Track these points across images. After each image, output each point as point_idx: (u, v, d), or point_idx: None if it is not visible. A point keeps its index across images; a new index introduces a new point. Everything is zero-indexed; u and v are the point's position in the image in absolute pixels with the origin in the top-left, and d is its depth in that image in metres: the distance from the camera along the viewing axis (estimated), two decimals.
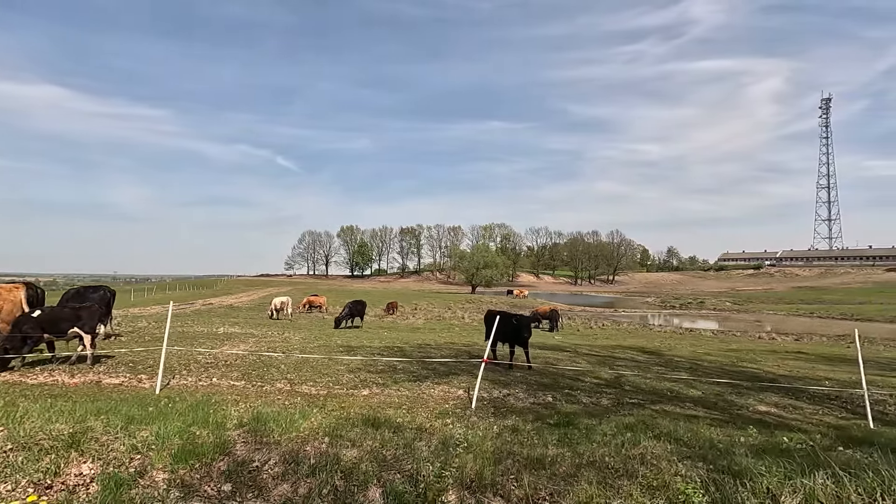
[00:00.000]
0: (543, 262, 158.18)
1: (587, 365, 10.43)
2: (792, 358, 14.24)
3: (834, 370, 11.74)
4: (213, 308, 33.13)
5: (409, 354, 10.83)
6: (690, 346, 16.70)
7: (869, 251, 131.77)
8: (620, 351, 13.87)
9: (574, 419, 5.92)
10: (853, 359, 15.38)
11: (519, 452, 4.57)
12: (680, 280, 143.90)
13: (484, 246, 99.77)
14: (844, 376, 10.69)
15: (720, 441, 5.30)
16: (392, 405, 6.49)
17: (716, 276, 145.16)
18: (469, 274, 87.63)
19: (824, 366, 12.69)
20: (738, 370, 10.85)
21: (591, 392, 7.71)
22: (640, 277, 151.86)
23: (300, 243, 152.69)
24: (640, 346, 15.80)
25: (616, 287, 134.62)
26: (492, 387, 7.83)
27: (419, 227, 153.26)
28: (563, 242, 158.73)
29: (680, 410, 6.69)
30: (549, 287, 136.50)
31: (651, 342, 18.48)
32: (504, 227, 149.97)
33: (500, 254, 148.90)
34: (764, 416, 6.77)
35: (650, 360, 12.27)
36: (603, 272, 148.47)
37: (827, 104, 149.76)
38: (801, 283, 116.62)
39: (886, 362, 14.23)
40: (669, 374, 9.82)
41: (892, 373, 11.84)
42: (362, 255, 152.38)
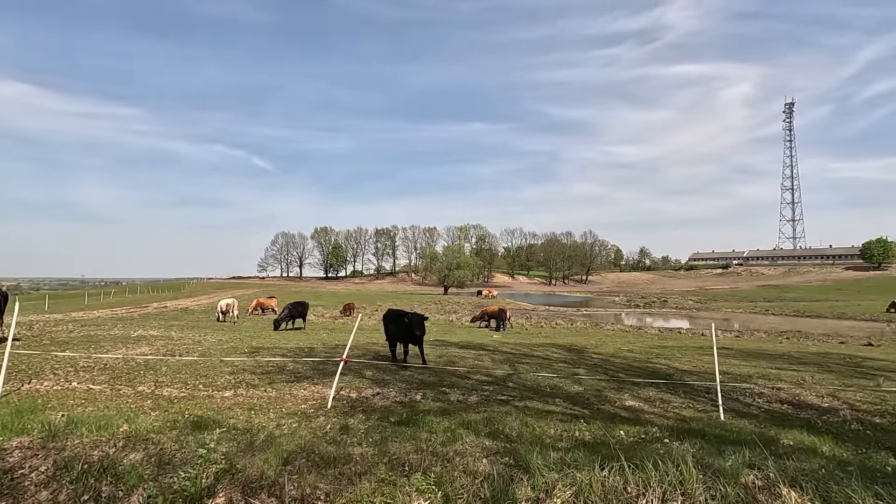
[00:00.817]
0: (519, 263, 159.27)
1: (490, 363, 10.39)
2: (711, 353, 14.47)
3: (741, 364, 11.97)
4: (165, 311, 32.24)
5: (316, 355, 10.63)
6: (620, 344, 16.88)
7: (829, 250, 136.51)
8: (543, 349, 13.90)
9: (422, 417, 5.82)
10: (773, 353, 15.77)
11: (320, 451, 4.44)
12: (651, 279, 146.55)
13: (456, 247, 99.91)
14: (748, 371, 10.89)
15: (549, 436, 5.28)
16: (245, 406, 6.30)
17: (686, 275, 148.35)
18: (441, 275, 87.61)
19: (738, 360, 12.93)
20: (642, 366, 10.95)
21: (469, 389, 7.64)
22: (612, 277, 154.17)
23: (273, 245, 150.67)
24: (568, 344, 15.89)
25: (589, 287, 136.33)
26: (369, 386, 7.70)
27: (394, 229, 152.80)
28: (539, 243, 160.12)
29: (542, 406, 6.66)
30: (523, 287, 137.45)
31: (587, 340, 18.64)
32: (479, 227, 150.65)
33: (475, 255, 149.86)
34: (626, 410, 6.79)
35: (565, 357, 12.31)
36: (577, 272, 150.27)
37: (790, 108, 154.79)
38: (766, 282, 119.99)
39: (800, 356, 14.59)
40: (568, 370, 9.85)
41: (798, 367, 12.11)
42: (336, 256, 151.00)
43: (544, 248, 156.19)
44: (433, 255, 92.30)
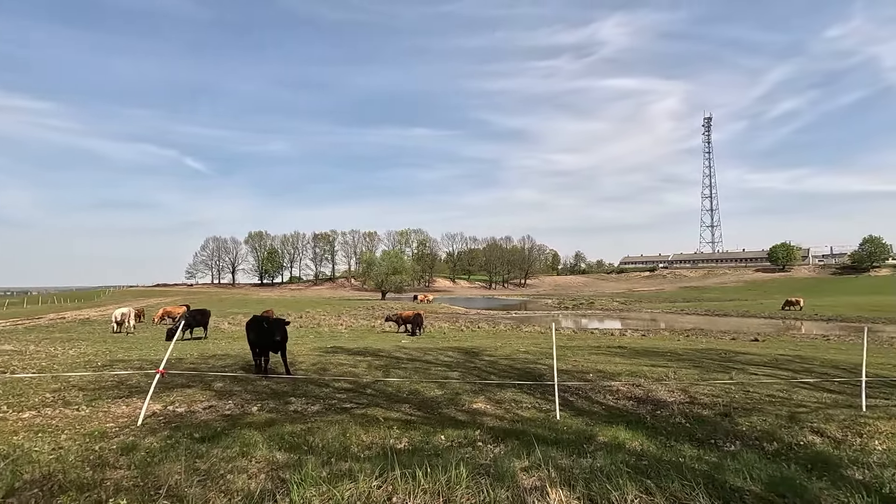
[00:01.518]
0: (460, 268, 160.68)
1: (365, 369, 10.08)
2: (605, 353, 14.98)
3: (621, 363, 12.39)
4: (58, 323, 29.35)
5: (176, 367, 9.86)
6: (524, 345, 17.14)
7: (742, 254, 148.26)
8: (439, 352, 13.79)
9: (237, 431, 5.41)
10: (662, 351, 16.58)
11: (68, 477, 3.94)
12: (586, 282, 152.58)
13: (394, 252, 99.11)
14: (622, 369, 11.25)
15: (359, 445, 5.05)
16: (36, 428, 5.60)
17: (617, 278, 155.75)
18: (378, 280, 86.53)
19: (622, 359, 13.41)
20: (523, 367, 11.05)
21: (318, 398, 7.28)
22: (549, 281, 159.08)
23: (203, 250, 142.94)
24: (470, 347, 15.92)
25: (527, 290, 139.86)
26: (208, 399, 7.15)
27: (333, 233, 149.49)
28: (480, 248, 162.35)
29: (381, 413, 6.43)
30: (464, 291, 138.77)
31: (494, 342, 18.80)
32: (420, 232, 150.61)
33: (418, 260, 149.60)
34: (468, 413, 6.70)
35: (455, 360, 12.24)
36: (516, 276, 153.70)
37: (708, 123, 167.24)
38: (688, 284, 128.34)
39: (684, 352, 15.38)
40: (443, 374, 9.75)
41: (675, 363, 12.70)
42: (272, 262, 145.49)
43: (485, 252, 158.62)
44: (370, 261, 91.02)
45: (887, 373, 12.23)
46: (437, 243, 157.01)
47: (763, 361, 13.49)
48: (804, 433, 6.20)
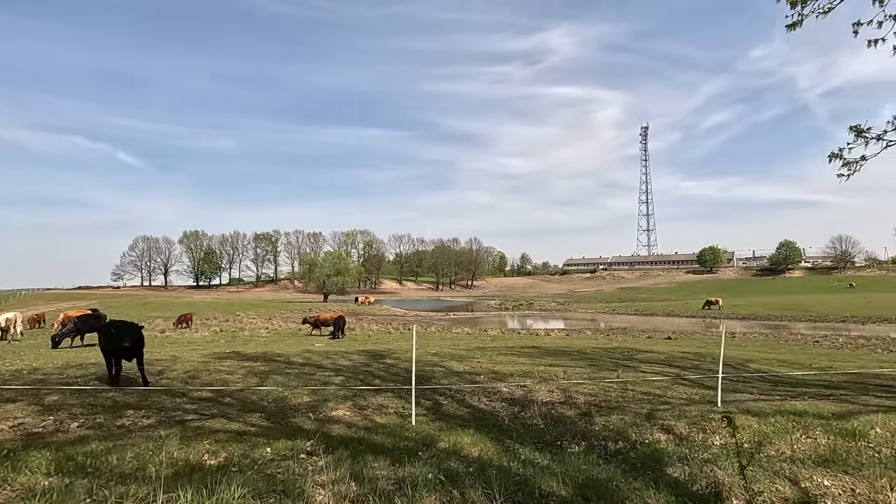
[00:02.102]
0: (408, 269, 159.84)
1: (241, 376, 9.47)
2: (514, 353, 15.02)
3: (524, 363, 12.41)
4: None
5: (22, 378, 8.82)
6: (438, 347, 16.96)
7: (675, 256, 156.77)
8: (343, 356, 13.31)
9: (19, 452, 4.75)
10: (570, 350, 16.89)
11: None
12: (531, 284, 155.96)
13: (337, 253, 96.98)
14: (518, 369, 11.23)
15: (166, 463, 4.54)
16: None
17: (560, 279, 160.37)
18: (320, 281, 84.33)
19: (526, 359, 13.46)
20: (419, 370, 10.75)
21: (159, 410, 6.64)
22: (496, 282, 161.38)
23: (132, 250, 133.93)
24: (381, 350, 15.54)
25: (473, 291, 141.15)
26: (29, 415, 6.35)
27: (276, 233, 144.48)
28: (427, 249, 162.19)
29: (222, 425, 5.91)
30: (411, 293, 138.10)
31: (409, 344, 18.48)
32: (367, 233, 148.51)
33: (365, 261, 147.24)
34: (324, 421, 6.31)
35: (354, 363, 11.83)
36: (463, 278, 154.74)
37: (645, 132, 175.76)
38: (625, 285, 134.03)
39: (591, 352, 15.72)
40: (325, 378, 9.30)
41: (575, 362, 12.87)
42: (209, 263, 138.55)
43: (433, 254, 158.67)
44: (312, 262, 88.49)
45: (769, 368, 12.99)
46: (384, 244, 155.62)
47: (660, 359, 13.98)
48: (652, 431, 6.27)
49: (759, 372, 12.19)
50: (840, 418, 6.90)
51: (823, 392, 9.35)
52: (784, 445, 5.88)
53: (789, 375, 11.72)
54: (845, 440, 6.24)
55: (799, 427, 6.54)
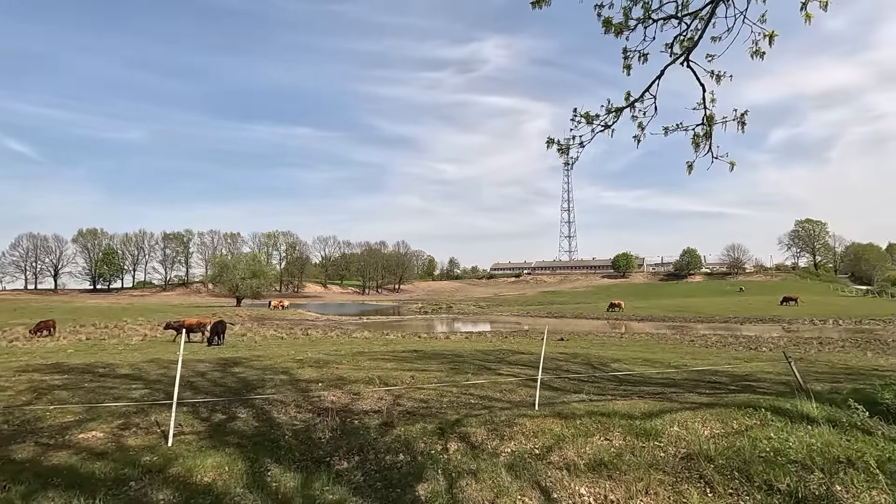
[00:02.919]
0: (333, 272, 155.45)
1: (13, 394, 8.04)
2: (387, 358, 14.42)
3: (389, 367, 11.82)
4: None
5: None
6: (309, 352, 15.99)
7: (593, 262, 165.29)
8: (188, 366, 11.99)
9: None
10: (445, 353, 16.60)
11: None
12: (458, 287, 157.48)
13: (251, 254, 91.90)
14: (378, 374, 10.60)
15: None
16: None
17: (486, 283, 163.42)
18: (232, 284, 79.30)
19: (394, 364, 12.89)
20: (254, 380, 9.84)
21: None
22: (424, 286, 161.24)
23: (14, 250, 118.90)
24: (245, 357, 14.34)
25: (400, 295, 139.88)
26: None
27: (188, 233, 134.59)
28: (354, 253, 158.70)
29: None
30: (335, 297, 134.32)
31: (287, 350, 17.37)
32: (290, 235, 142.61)
33: (287, 264, 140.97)
34: (60, 447, 5.26)
35: (196, 372, 10.61)
36: (390, 281, 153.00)
37: None
38: (546, 288, 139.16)
39: (467, 353, 15.50)
40: (127, 394, 8.12)
41: (436, 365, 12.47)
42: (109, 264, 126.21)
43: (361, 257, 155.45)
44: (223, 263, 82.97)
45: (629, 367, 13.36)
46: (309, 247, 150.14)
47: (530, 360, 13.98)
48: (447, 440, 5.85)
49: (616, 371, 12.47)
50: (647, 418, 6.91)
51: (657, 390, 9.59)
52: (571, 450, 5.67)
53: (641, 374, 12.06)
54: (640, 440, 6.19)
55: (601, 429, 6.43)
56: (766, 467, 5.49)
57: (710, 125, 4.96)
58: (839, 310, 50.31)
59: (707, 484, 5.10)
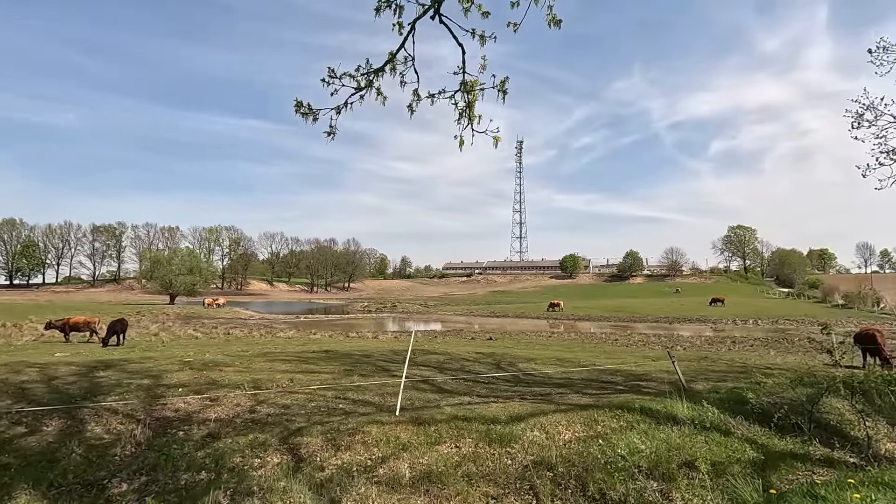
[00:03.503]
0: (281, 270, 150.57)
1: None
2: (289, 359, 13.59)
3: (278, 369, 11.02)
4: None
5: None
6: (208, 353, 14.90)
7: (542, 262, 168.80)
8: (52, 367, 10.73)
9: None
10: (357, 354, 15.98)
11: None
12: (409, 287, 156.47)
13: (187, 250, 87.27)
14: (252, 377, 9.79)
15: None
16: None
17: (438, 282, 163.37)
18: (165, 281, 74.91)
19: (287, 366, 12.12)
20: (115, 383, 8.82)
21: None
22: (374, 284, 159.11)
23: None
24: (121, 359, 13.10)
25: (349, 294, 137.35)
26: None
27: (121, 226, 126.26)
28: (302, 250, 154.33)
29: None
30: (282, 295, 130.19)
31: (187, 351, 16.15)
32: (234, 230, 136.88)
33: (231, 260, 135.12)
34: None
35: (44, 377, 9.42)
36: (339, 280, 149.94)
37: (520, 146, 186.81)
38: (497, 288, 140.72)
39: (372, 353, 14.88)
40: None
41: (333, 366, 11.81)
42: (29, 258, 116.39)
43: (310, 255, 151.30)
44: (156, 258, 78.22)
45: (538, 367, 13.17)
46: (255, 243, 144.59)
47: (438, 362, 13.55)
48: (271, 452, 5.24)
49: (518, 372, 12.24)
50: (512, 422, 6.56)
51: (546, 391, 9.35)
52: (407, 461, 5.21)
53: (543, 374, 11.88)
54: (492, 447, 5.82)
55: (455, 435, 6.02)
56: (606, 475, 5.24)
57: (470, 91, 4.52)
58: (760, 310, 53.49)
59: (536, 496, 4.77)
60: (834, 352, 9.14)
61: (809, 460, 6.43)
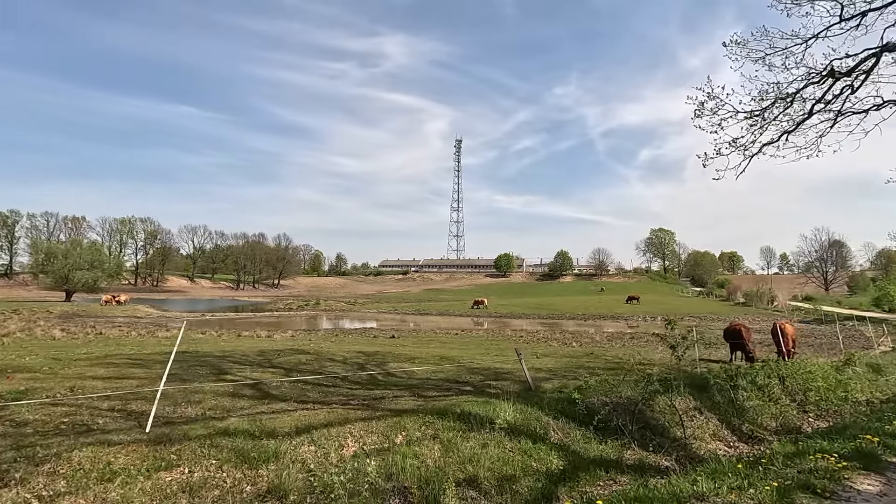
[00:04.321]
0: (205, 266, 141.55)
1: None
2: (120, 363, 11.85)
3: (87, 376, 9.34)
4: None
5: None
6: (41, 356, 12.79)
7: (478, 261, 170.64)
8: None
9: None
10: (220, 355, 14.46)
11: None
12: (343, 284, 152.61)
13: (88, 243, 79.43)
14: (57, 384, 8.11)
15: None
16: None
17: (373, 280, 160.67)
18: (60, 276, 67.53)
19: (107, 370, 10.42)
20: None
21: None
22: (307, 282, 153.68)
23: None
24: None
25: (278, 291, 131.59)
26: None
27: (14, 214, 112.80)
28: (230, 244, 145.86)
29: None
30: (204, 292, 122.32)
31: (12, 355, 13.86)
32: (150, 222, 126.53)
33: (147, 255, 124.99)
34: None
35: None
36: (269, 276, 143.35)
37: (459, 145, 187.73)
38: (432, 286, 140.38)
39: (244, 354, 13.42)
40: None
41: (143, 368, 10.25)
42: None
43: (238, 250, 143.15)
44: (49, 251, 70.29)
45: (408, 367, 12.29)
46: (174, 237, 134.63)
47: (298, 362, 12.35)
48: None
49: (384, 372, 11.29)
50: (288, 436, 5.49)
51: (385, 394, 8.44)
52: (87, 498, 4.04)
53: (408, 373, 11.03)
54: (237, 470, 4.75)
55: (198, 457, 4.89)
56: (360, 500, 4.37)
57: None
58: (671, 308, 56.44)
59: None
60: (677, 347, 8.97)
61: (619, 467, 5.95)
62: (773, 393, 8.92)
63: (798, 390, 9.49)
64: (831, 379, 10.66)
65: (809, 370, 10.10)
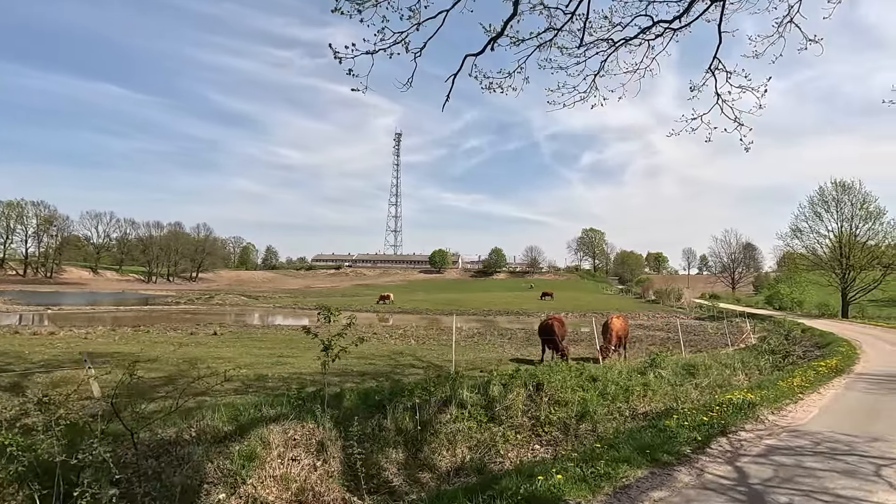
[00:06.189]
0: (112, 256, 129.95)
1: None
2: None
3: None
4: None
5: None
6: None
7: (414, 257, 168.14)
8: None
9: None
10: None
11: None
12: (270, 278, 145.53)
13: None
14: None
15: None
16: None
17: (304, 274, 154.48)
18: None
19: None
20: None
21: None
22: (231, 275, 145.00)
23: None
24: None
25: (197, 285, 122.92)
26: None
27: None
28: (143, 234, 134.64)
29: None
30: (108, 285, 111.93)
31: None
32: (44, 206, 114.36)
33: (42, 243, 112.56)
34: None
35: None
36: (186, 269, 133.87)
37: (398, 139, 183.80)
38: (364, 281, 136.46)
39: None
40: None
41: None
42: None
43: (158, 241, 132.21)
44: None
45: None
46: (74, 224, 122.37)
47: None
48: None
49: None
50: None
51: None
52: None
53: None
54: None
55: None
56: None
57: None
58: (582, 305, 56.52)
59: None
60: (331, 348, 6.84)
61: None
62: (494, 411, 6.93)
63: (549, 403, 7.63)
64: (617, 386, 9.00)
65: (565, 376, 8.30)
